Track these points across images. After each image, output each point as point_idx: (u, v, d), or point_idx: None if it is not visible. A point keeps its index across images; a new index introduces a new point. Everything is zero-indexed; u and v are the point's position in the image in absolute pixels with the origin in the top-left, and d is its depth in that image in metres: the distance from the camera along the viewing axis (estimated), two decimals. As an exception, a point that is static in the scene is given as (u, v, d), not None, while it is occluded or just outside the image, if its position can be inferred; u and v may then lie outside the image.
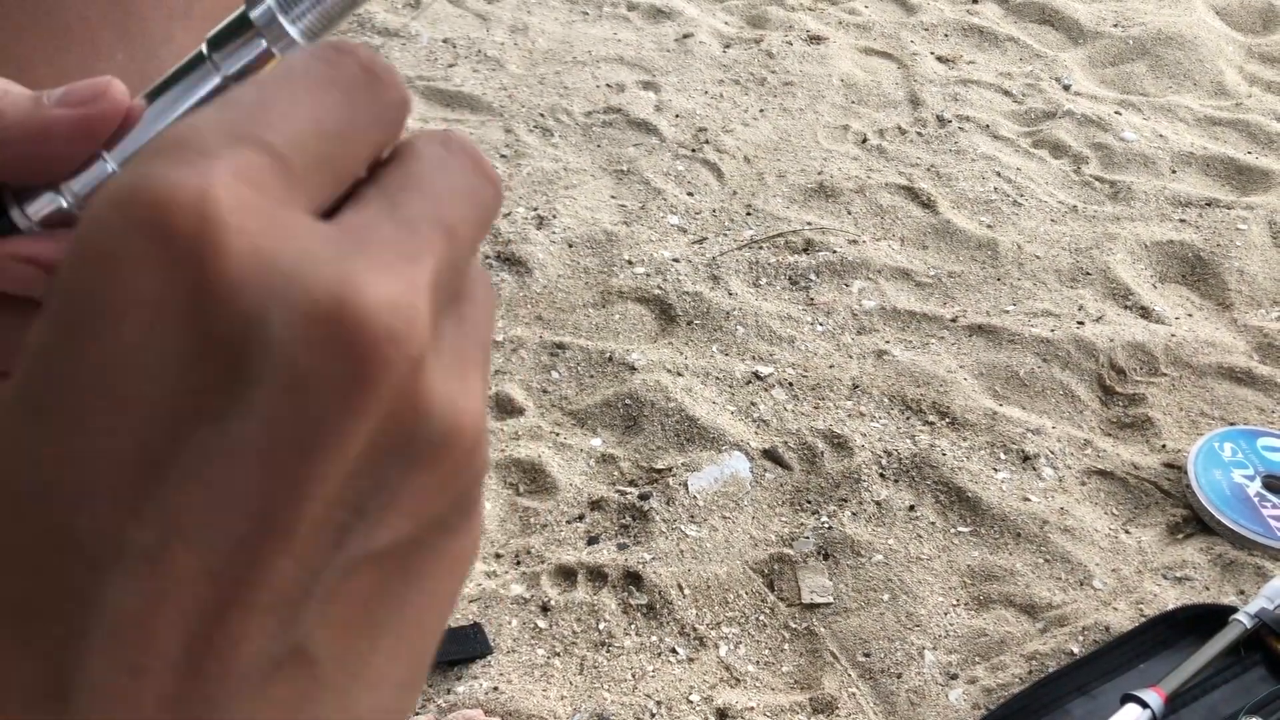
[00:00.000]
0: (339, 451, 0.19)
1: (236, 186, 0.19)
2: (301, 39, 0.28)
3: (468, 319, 0.22)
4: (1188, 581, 1.32)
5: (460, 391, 0.21)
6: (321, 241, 0.19)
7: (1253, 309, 1.74)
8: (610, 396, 1.53)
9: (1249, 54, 2.38)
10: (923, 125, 2.13)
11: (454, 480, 0.21)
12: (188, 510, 0.19)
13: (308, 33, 0.28)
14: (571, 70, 2.26)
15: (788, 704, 1.20)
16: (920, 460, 1.45)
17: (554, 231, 1.84)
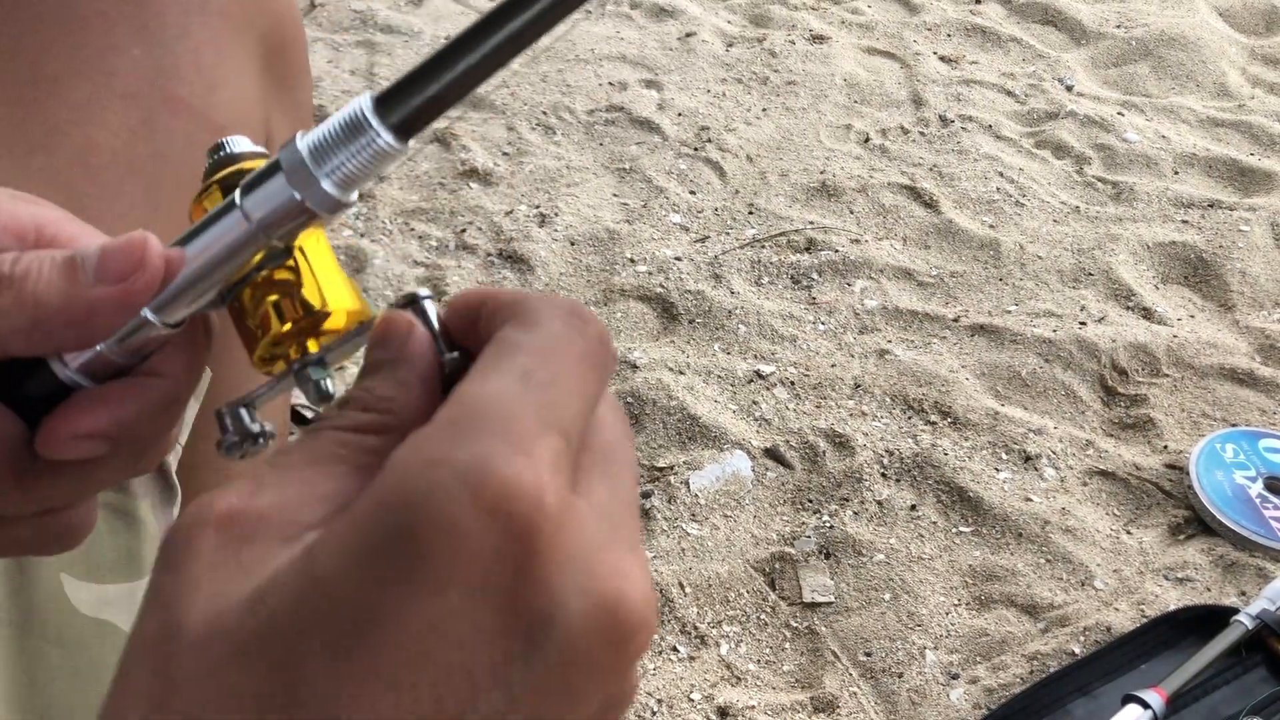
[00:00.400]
0: (583, 712, 0.23)
1: (553, 478, 0.22)
2: (334, 190, 0.28)
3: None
4: (1189, 582, 1.32)
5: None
6: (595, 528, 0.23)
7: (1255, 310, 1.74)
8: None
9: (1252, 56, 2.38)
10: (925, 125, 2.13)
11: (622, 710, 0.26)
12: None
13: (341, 185, 0.28)
14: (574, 68, 2.26)
15: (788, 703, 1.20)
16: (922, 460, 1.45)
17: (556, 229, 1.83)
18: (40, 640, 0.58)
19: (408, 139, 0.28)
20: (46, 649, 0.58)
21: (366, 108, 0.27)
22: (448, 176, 1.96)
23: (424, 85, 0.28)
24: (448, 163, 1.99)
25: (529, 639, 0.22)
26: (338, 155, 0.28)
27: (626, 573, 0.23)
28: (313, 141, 0.28)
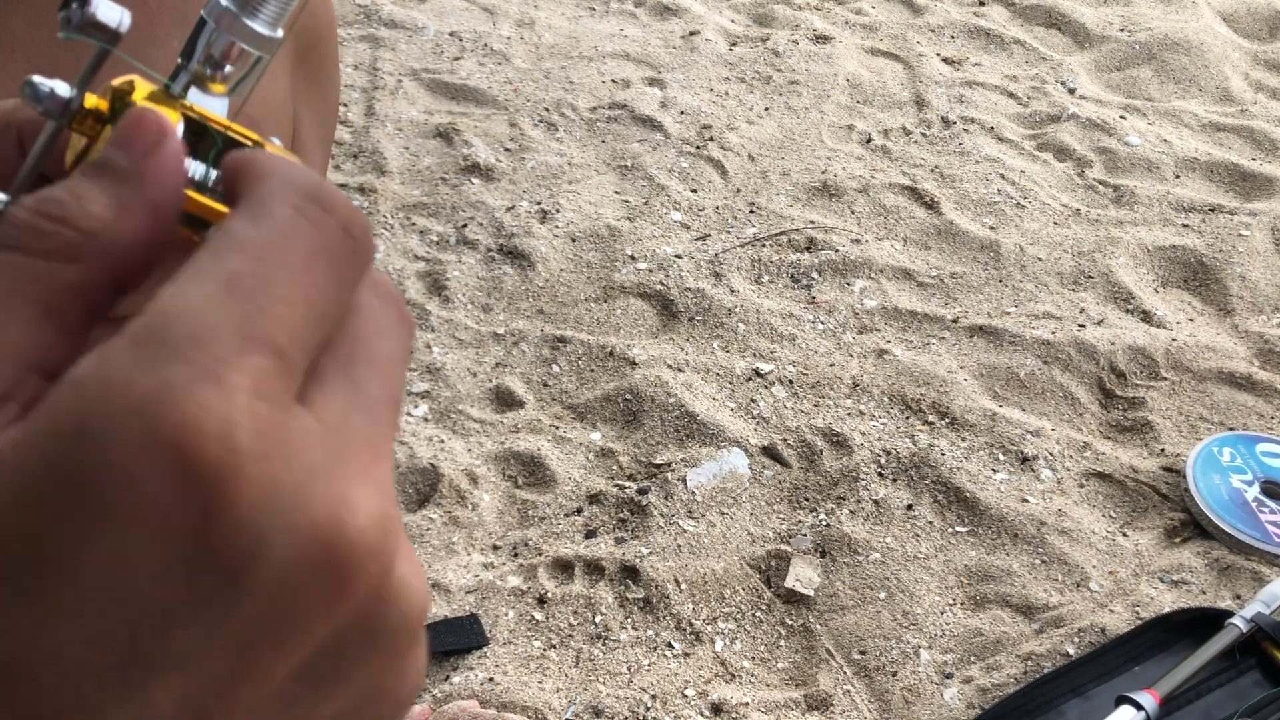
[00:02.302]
0: (307, 644, 0.21)
1: (254, 405, 0.20)
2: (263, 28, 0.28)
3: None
4: (1184, 585, 1.32)
5: (415, 577, 0.23)
6: (315, 451, 0.21)
7: (1254, 315, 1.74)
8: (610, 391, 1.54)
9: (1255, 61, 2.38)
10: (927, 126, 2.13)
11: (402, 654, 0.24)
12: (165, 699, 0.20)
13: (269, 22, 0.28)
14: (577, 65, 2.26)
15: (782, 700, 1.20)
16: (919, 460, 1.45)
17: (557, 226, 1.84)
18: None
19: None
20: None
21: None
22: (449, 171, 1.96)
23: None
24: (449, 158, 1.99)
25: (231, 577, 0.20)
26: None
27: (347, 499, 0.21)
28: None
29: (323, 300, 0.22)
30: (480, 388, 1.56)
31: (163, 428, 0.19)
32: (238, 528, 0.20)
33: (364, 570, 0.21)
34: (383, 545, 0.21)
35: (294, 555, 0.20)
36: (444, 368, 1.57)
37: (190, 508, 0.19)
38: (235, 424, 0.20)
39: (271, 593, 0.20)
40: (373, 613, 0.22)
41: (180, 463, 0.19)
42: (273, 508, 0.20)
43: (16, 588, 0.19)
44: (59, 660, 0.19)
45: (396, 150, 2.00)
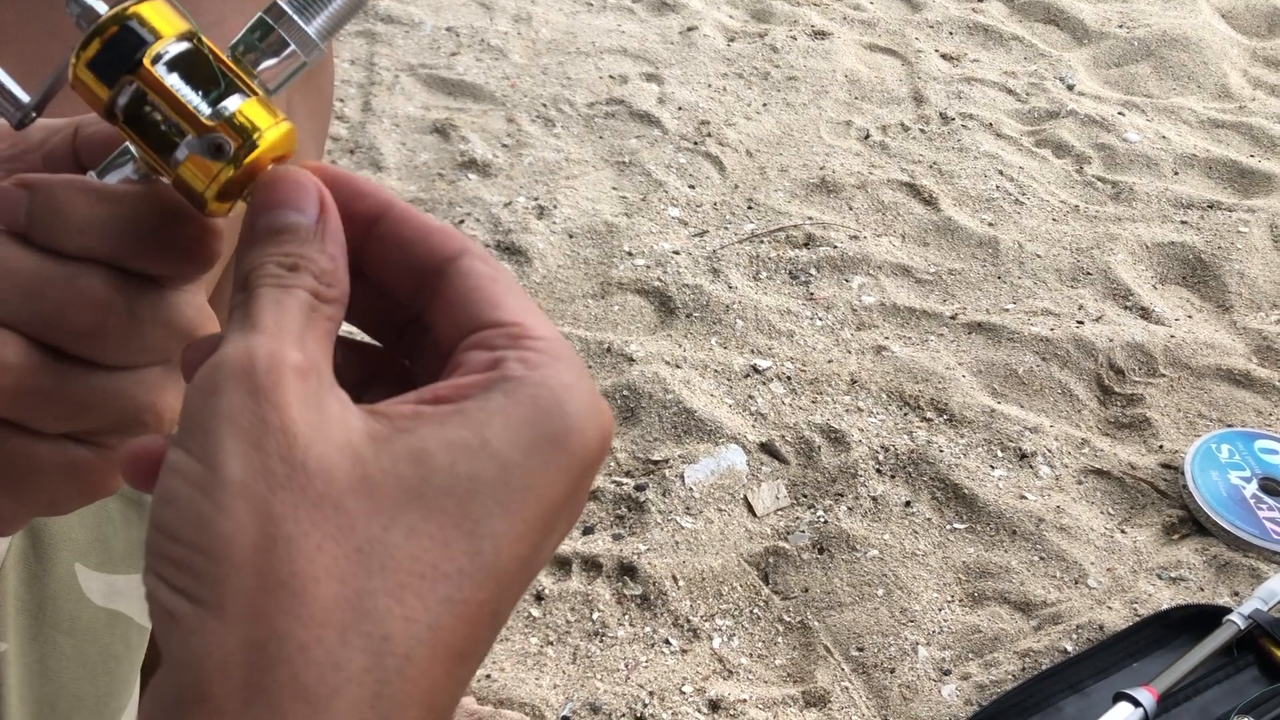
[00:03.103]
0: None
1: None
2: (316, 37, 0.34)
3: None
4: (1182, 582, 1.32)
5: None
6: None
7: (1252, 311, 1.74)
8: (608, 387, 1.53)
9: (1253, 57, 2.37)
10: (926, 122, 2.13)
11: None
12: (511, 597, 0.29)
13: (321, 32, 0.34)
14: (575, 61, 2.26)
15: (780, 697, 1.20)
16: (917, 456, 1.45)
17: (554, 222, 1.83)
18: (52, 629, 0.58)
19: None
20: (58, 638, 0.59)
21: None
22: (446, 167, 1.96)
23: None
24: (447, 153, 1.99)
25: (577, 512, 0.30)
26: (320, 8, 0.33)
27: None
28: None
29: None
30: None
31: (604, 416, 0.30)
32: (591, 483, 0.30)
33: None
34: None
35: (578, 510, 0.31)
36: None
37: (592, 473, 0.30)
38: (612, 418, 0.32)
39: (565, 534, 0.31)
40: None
41: (604, 439, 0.30)
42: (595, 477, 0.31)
43: (509, 508, 0.28)
44: (510, 568, 0.27)
45: (393, 146, 2.00)
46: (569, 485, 0.29)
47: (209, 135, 0.31)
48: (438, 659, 0.26)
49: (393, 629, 0.25)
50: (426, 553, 0.26)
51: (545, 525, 0.28)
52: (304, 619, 0.25)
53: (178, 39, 0.32)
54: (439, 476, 0.27)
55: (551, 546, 0.30)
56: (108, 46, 0.31)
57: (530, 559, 0.28)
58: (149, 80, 0.31)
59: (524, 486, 0.28)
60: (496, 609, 0.27)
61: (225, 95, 0.32)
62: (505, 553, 0.27)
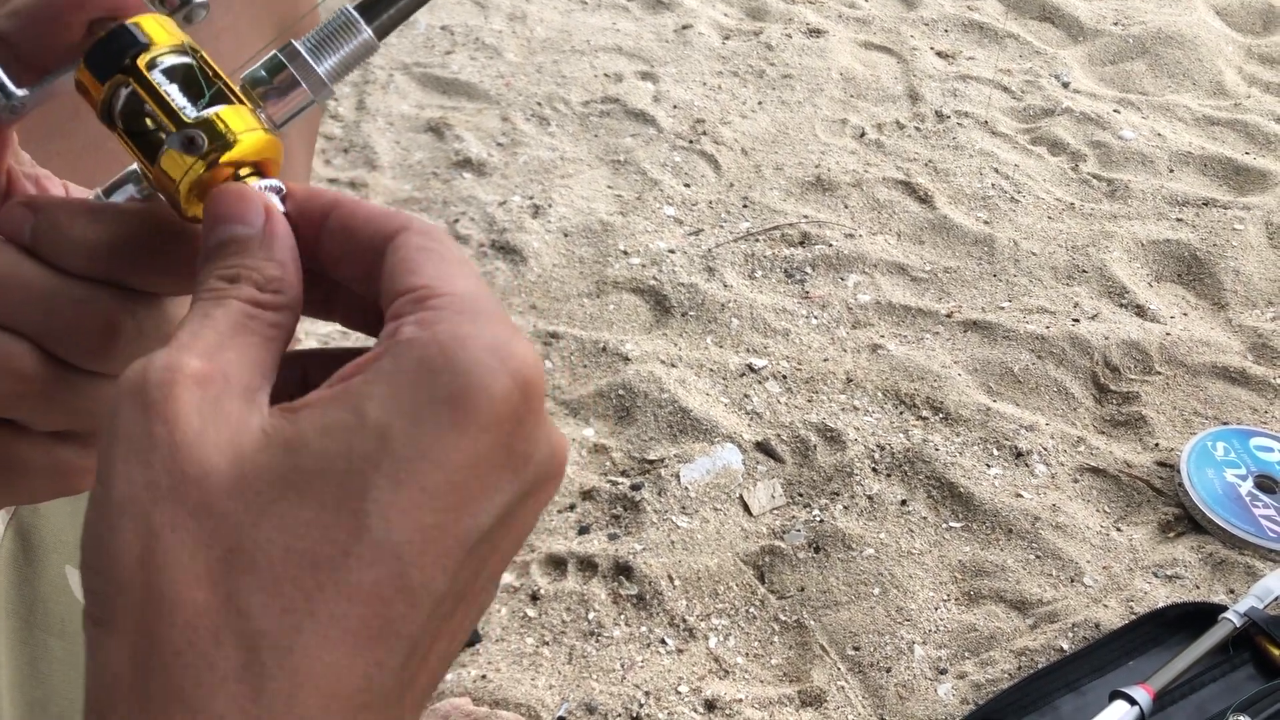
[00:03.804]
0: (526, 529, 0.31)
1: (538, 355, 0.30)
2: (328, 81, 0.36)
3: None
4: (1178, 580, 1.32)
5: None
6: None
7: (1248, 309, 1.74)
8: (603, 386, 1.53)
9: (1249, 54, 2.37)
10: (921, 120, 2.12)
11: (545, 501, 0.33)
12: (466, 570, 0.28)
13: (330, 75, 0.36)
14: (569, 59, 2.25)
15: (776, 696, 1.20)
16: (913, 455, 1.45)
17: (549, 221, 1.83)
18: (43, 632, 0.58)
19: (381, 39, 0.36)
20: (49, 640, 0.59)
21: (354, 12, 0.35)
22: (441, 166, 1.96)
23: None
24: (441, 152, 1.99)
25: (516, 472, 0.28)
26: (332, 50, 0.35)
27: (560, 432, 0.30)
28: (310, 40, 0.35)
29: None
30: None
31: (510, 362, 0.28)
32: (529, 436, 0.28)
33: (558, 481, 0.30)
34: (567, 461, 0.32)
35: (546, 459, 0.29)
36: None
37: (515, 420, 0.28)
38: (539, 363, 0.29)
39: (527, 488, 0.29)
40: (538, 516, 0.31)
41: (520, 386, 0.28)
42: (543, 421, 0.29)
43: (399, 482, 0.26)
44: (418, 540, 0.26)
45: (387, 145, 1.99)
46: (479, 444, 0.27)
47: (184, 130, 0.32)
48: (330, 644, 0.25)
49: (267, 624, 0.25)
50: (301, 540, 0.26)
51: (458, 489, 0.27)
52: (178, 625, 0.25)
53: (176, 50, 0.33)
54: (309, 460, 0.26)
55: (485, 510, 0.28)
56: (103, 43, 0.33)
57: (447, 526, 0.27)
58: (139, 79, 0.33)
59: (416, 455, 0.26)
60: (405, 583, 0.26)
61: (212, 103, 0.33)
62: (401, 526, 0.26)
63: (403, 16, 0.37)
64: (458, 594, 0.28)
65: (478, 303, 0.29)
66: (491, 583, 0.30)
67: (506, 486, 0.28)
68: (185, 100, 0.33)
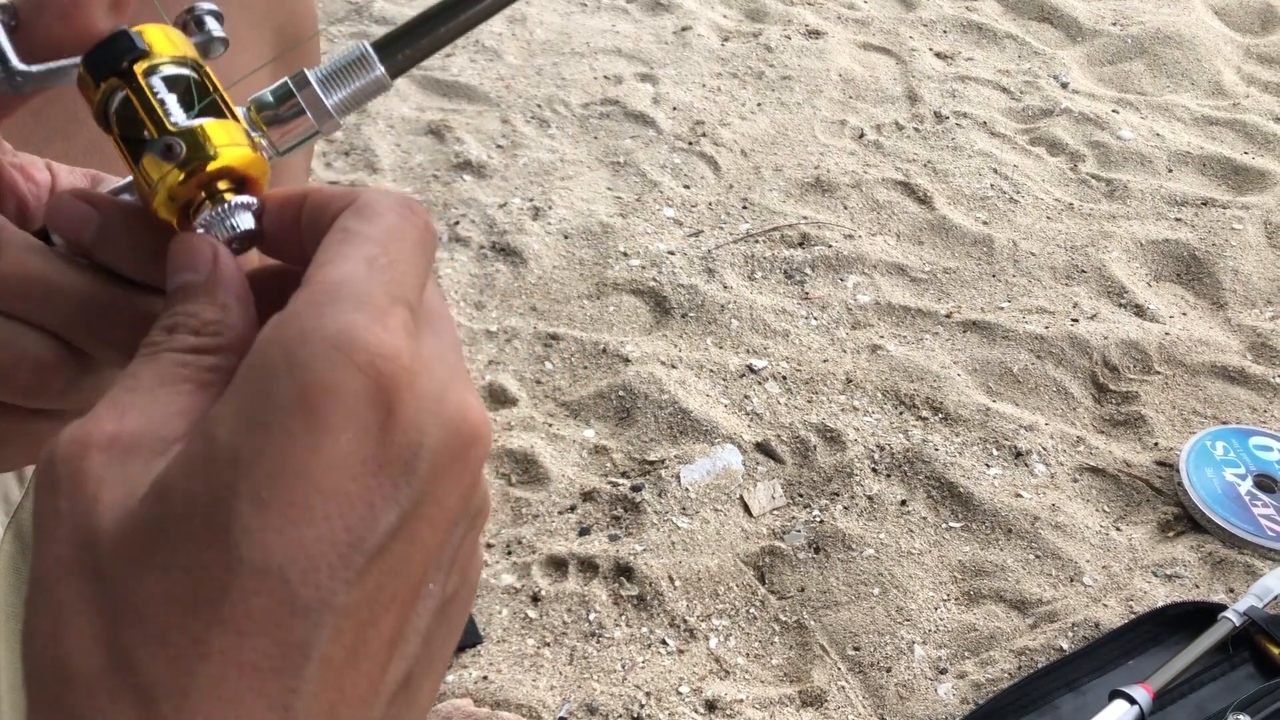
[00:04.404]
0: (445, 519, 0.28)
1: (406, 340, 0.28)
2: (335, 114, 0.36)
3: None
4: (1178, 579, 1.33)
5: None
6: (440, 370, 0.29)
7: (1247, 309, 1.74)
8: (604, 388, 1.53)
9: (1247, 54, 2.38)
10: (920, 121, 2.13)
11: (480, 539, 0.31)
12: (374, 580, 0.26)
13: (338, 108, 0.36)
14: (569, 61, 2.26)
15: (777, 696, 1.20)
16: (913, 455, 1.45)
17: (549, 223, 1.83)
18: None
19: (395, 77, 0.36)
20: None
21: (369, 49, 0.35)
22: (441, 168, 1.96)
23: (411, 37, 0.37)
24: (441, 155, 1.99)
25: (406, 465, 0.27)
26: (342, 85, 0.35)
27: (466, 400, 0.29)
28: (321, 73, 0.35)
29: (423, 274, 0.30)
30: (473, 385, 1.55)
31: (357, 354, 0.26)
32: (408, 424, 0.27)
33: (480, 447, 0.29)
34: (488, 434, 0.29)
35: (442, 439, 0.27)
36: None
37: (380, 410, 0.26)
38: (400, 351, 0.27)
39: (428, 474, 0.27)
40: (476, 488, 0.29)
41: (373, 378, 0.26)
42: (426, 407, 0.27)
43: (259, 501, 0.25)
44: (299, 557, 0.25)
45: (388, 147, 2.00)
46: (338, 446, 0.26)
47: (165, 137, 0.32)
48: (228, 681, 0.25)
49: (157, 674, 0.25)
50: (179, 585, 0.25)
51: (331, 496, 0.25)
52: (80, 691, 0.25)
53: (177, 61, 0.34)
54: (176, 503, 0.26)
55: (376, 511, 0.26)
56: (102, 46, 0.33)
57: (332, 536, 0.25)
58: (133, 85, 0.33)
59: (274, 471, 0.25)
60: (298, 604, 0.25)
61: (203, 115, 0.33)
62: (276, 547, 0.25)
63: (419, 58, 0.37)
64: (378, 599, 0.26)
65: (338, 289, 0.28)
66: (437, 572, 0.29)
67: (397, 480, 0.26)
68: (178, 109, 0.33)
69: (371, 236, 0.30)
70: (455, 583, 0.30)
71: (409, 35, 0.37)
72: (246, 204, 0.33)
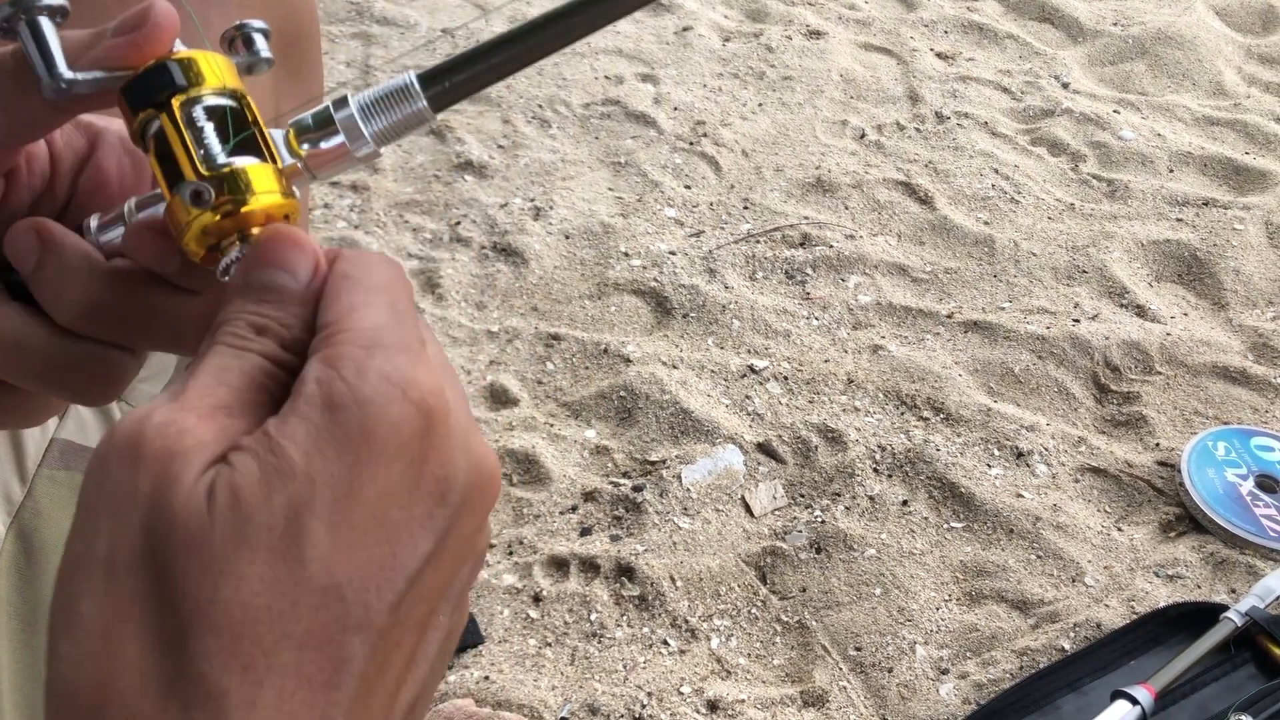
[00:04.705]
0: (466, 548, 0.30)
1: (443, 378, 0.30)
2: (373, 142, 0.35)
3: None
4: (1179, 579, 1.32)
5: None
6: (465, 414, 0.31)
7: (1248, 309, 1.74)
8: (605, 388, 1.53)
9: (1248, 54, 2.38)
10: (921, 121, 2.13)
11: (486, 531, 0.32)
12: (417, 604, 0.28)
13: (377, 137, 0.36)
14: (570, 61, 2.26)
15: (778, 696, 1.20)
16: (914, 456, 1.45)
17: (550, 223, 1.83)
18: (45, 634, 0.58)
19: (439, 111, 0.36)
20: None
21: (414, 80, 0.35)
22: (442, 169, 1.96)
23: (459, 71, 0.36)
24: (442, 155, 1.99)
25: (441, 497, 0.29)
26: (382, 115, 0.35)
27: (485, 445, 0.31)
28: (363, 101, 0.35)
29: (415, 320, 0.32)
30: (474, 385, 1.55)
31: (410, 390, 0.28)
32: (445, 457, 0.29)
33: (495, 488, 0.30)
34: (499, 476, 0.31)
35: (469, 475, 0.29)
36: (438, 366, 1.57)
37: (425, 441, 0.28)
38: (442, 386, 0.29)
39: (458, 506, 0.29)
40: (485, 527, 0.32)
41: (425, 412, 0.28)
42: (458, 444, 0.29)
43: (332, 524, 0.27)
44: (355, 577, 0.27)
45: (389, 148, 1.99)
46: (391, 474, 0.27)
47: (194, 183, 0.32)
48: (289, 694, 0.26)
49: (229, 684, 0.25)
50: (256, 595, 0.26)
51: (383, 522, 0.27)
52: (131, 694, 0.25)
53: (219, 92, 0.34)
54: (257, 514, 0.26)
55: (417, 537, 0.28)
56: (141, 78, 0.33)
57: (382, 560, 0.27)
58: (169, 118, 0.33)
59: (341, 494, 0.27)
60: (350, 622, 0.26)
61: (238, 153, 0.33)
62: (340, 567, 0.26)
63: (465, 93, 0.36)
64: (405, 623, 0.28)
65: (379, 335, 0.29)
66: (446, 604, 0.30)
67: (433, 511, 0.28)
68: (215, 142, 0.33)
69: (381, 286, 0.32)
70: (456, 619, 0.31)
71: (456, 69, 0.36)
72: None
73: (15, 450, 0.66)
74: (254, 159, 0.33)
